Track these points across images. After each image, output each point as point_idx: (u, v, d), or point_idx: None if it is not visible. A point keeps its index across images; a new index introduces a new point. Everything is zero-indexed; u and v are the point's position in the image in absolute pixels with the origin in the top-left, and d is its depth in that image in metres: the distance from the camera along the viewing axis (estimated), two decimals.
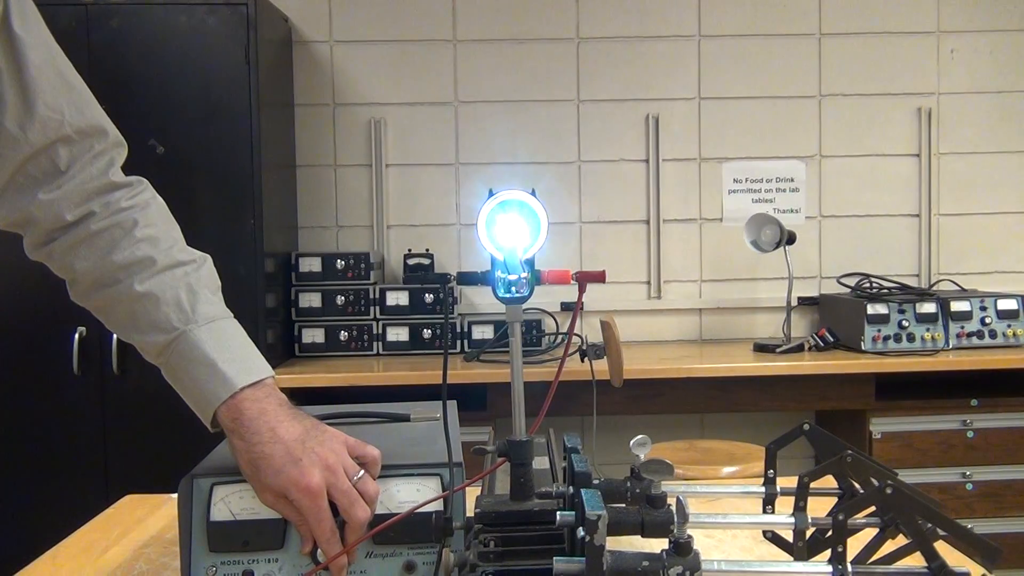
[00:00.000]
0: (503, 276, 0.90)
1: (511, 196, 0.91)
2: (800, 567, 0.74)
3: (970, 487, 2.83)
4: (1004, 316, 2.94)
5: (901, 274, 3.32)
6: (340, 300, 3.03)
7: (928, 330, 2.90)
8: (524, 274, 0.90)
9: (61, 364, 2.72)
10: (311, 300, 3.04)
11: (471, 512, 0.88)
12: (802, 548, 0.81)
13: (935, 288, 3.29)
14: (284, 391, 0.93)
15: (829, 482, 0.85)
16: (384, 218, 3.31)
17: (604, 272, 0.94)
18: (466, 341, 3.04)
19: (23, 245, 0.97)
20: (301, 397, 2.67)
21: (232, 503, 0.87)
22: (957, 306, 2.93)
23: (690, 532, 0.67)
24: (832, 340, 2.99)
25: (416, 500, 0.88)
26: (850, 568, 0.70)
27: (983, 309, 2.94)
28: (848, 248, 3.37)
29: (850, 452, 0.81)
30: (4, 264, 2.67)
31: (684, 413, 3.24)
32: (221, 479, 0.88)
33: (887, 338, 2.89)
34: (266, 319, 2.82)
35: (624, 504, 0.83)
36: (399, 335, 3.03)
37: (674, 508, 0.69)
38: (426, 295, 3.04)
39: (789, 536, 0.83)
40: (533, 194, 0.91)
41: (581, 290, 0.92)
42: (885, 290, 3.08)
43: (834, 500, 0.85)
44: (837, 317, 3.10)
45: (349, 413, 1.14)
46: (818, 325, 3.23)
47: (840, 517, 0.74)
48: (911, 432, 2.83)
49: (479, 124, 3.32)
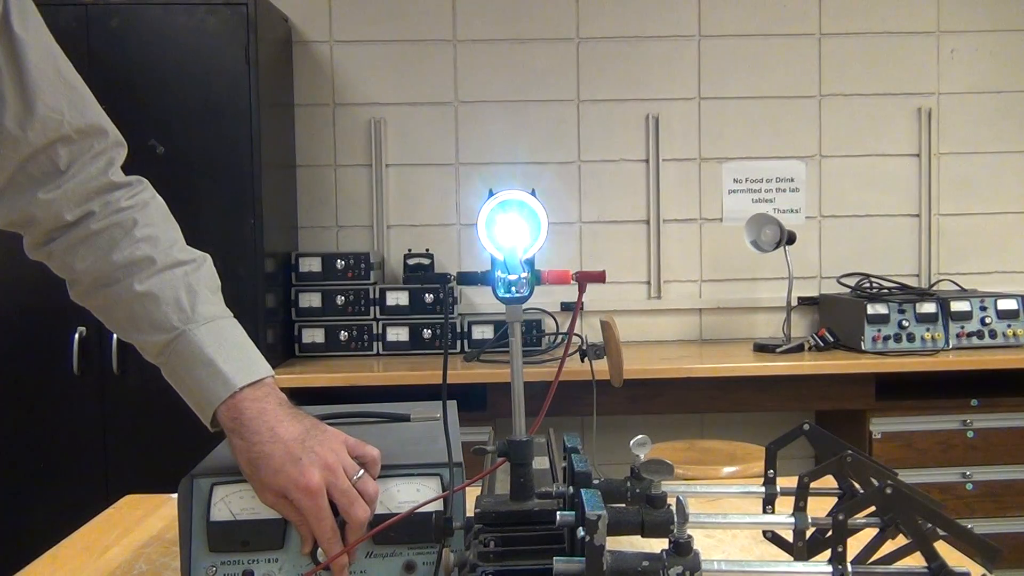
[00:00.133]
0: (503, 276, 0.90)
1: (511, 196, 0.90)
2: (800, 567, 0.74)
3: (970, 487, 2.83)
4: (1004, 316, 2.94)
5: (901, 274, 3.32)
6: (340, 300, 3.03)
7: (928, 330, 2.90)
8: (524, 274, 0.90)
9: (61, 364, 2.72)
10: (311, 300, 3.03)
11: (471, 512, 0.88)
12: (802, 548, 0.81)
13: (935, 288, 3.29)
14: (284, 391, 0.93)
15: (829, 482, 0.85)
16: (384, 218, 3.31)
17: (604, 272, 0.94)
18: (466, 341, 3.04)
19: (23, 245, 0.97)
20: (301, 397, 2.66)
21: (232, 503, 0.87)
22: (957, 306, 2.93)
23: (690, 532, 0.67)
24: (832, 340, 2.99)
25: (416, 500, 0.88)
26: (850, 568, 0.70)
27: (983, 309, 2.94)
28: (848, 248, 3.37)
29: (850, 452, 0.81)
30: (4, 264, 2.67)
31: (684, 413, 3.24)
32: (221, 479, 0.88)
33: (887, 338, 2.89)
34: (266, 319, 2.82)
35: (624, 504, 0.83)
36: (399, 335, 3.03)
37: (674, 508, 0.69)
38: (426, 295, 3.04)
39: (789, 536, 0.83)
40: (533, 194, 0.91)
41: (581, 290, 0.92)
42: (885, 290, 3.08)
43: (834, 500, 0.85)
44: (837, 317, 3.10)
45: (349, 413, 1.14)
46: (818, 325, 3.23)
47: (840, 517, 0.74)
48: (911, 432, 2.83)
49: (479, 124, 3.32)
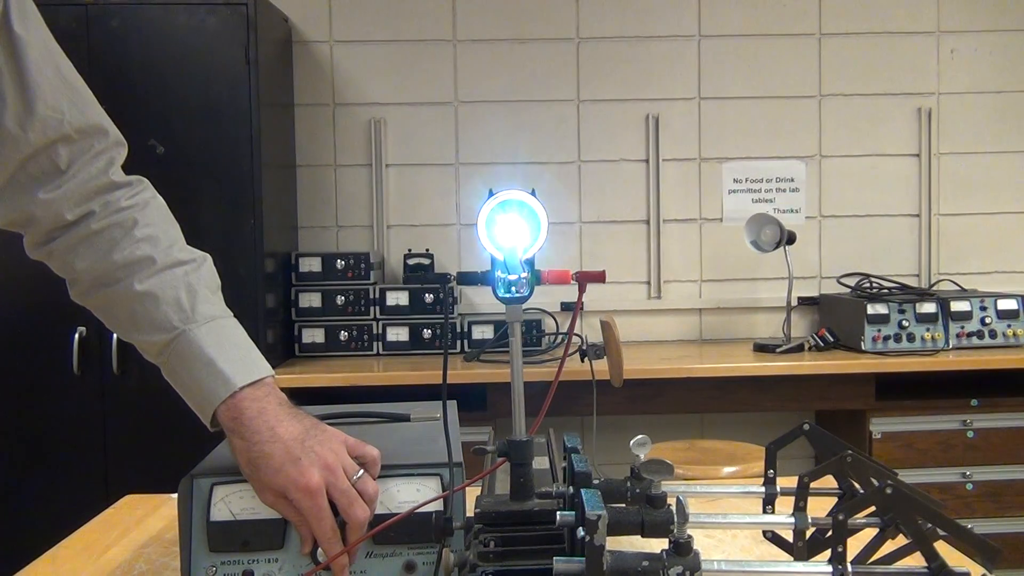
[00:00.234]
0: (503, 276, 0.90)
1: (511, 196, 0.90)
2: (800, 567, 0.74)
3: (970, 487, 2.83)
4: (1004, 316, 2.94)
5: (901, 274, 3.32)
6: (340, 300, 3.03)
7: (928, 330, 2.90)
8: (524, 274, 0.90)
9: (61, 364, 2.72)
10: (311, 300, 3.03)
11: (471, 512, 0.88)
12: (802, 548, 0.81)
13: (935, 288, 3.29)
14: (284, 391, 0.93)
15: (829, 482, 0.85)
16: (384, 218, 3.31)
17: (604, 272, 0.94)
18: (466, 341, 3.04)
19: (23, 244, 0.97)
20: (301, 397, 2.64)
21: (232, 503, 0.87)
22: (957, 306, 2.93)
23: (690, 532, 0.67)
24: (832, 340, 2.98)
25: (416, 500, 0.88)
26: (850, 568, 0.70)
27: (983, 309, 2.94)
28: (848, 248, 3.36)
29: (850, 452, 0.81)
30: (4, 264, 2.66)
31: (684, 413, 3.24)
32: (221, 479, 0.88)
33: (887, 338, 2.89)
34: (266, 319, 2.82)
35: (624, 504, 0.83)
36: (399, 335, 3.03)
37: (674, 508, 0.69)
38: (426, 295, 3.04)
39: (789, 536, 0.82)
40: (533, 194, 0.91)
41: (581, 290, 0.92)
42: (885, 290, 3.08)
43: (834, 500, 0.85)
44: (837, 317, 3.10)
45: (349, 413, 1.14)
46: (818, 325, 3.23)
47: (840, 517, 0.74)
48: (911, 432, 2.83)
49: (479, 124, 3.32)
